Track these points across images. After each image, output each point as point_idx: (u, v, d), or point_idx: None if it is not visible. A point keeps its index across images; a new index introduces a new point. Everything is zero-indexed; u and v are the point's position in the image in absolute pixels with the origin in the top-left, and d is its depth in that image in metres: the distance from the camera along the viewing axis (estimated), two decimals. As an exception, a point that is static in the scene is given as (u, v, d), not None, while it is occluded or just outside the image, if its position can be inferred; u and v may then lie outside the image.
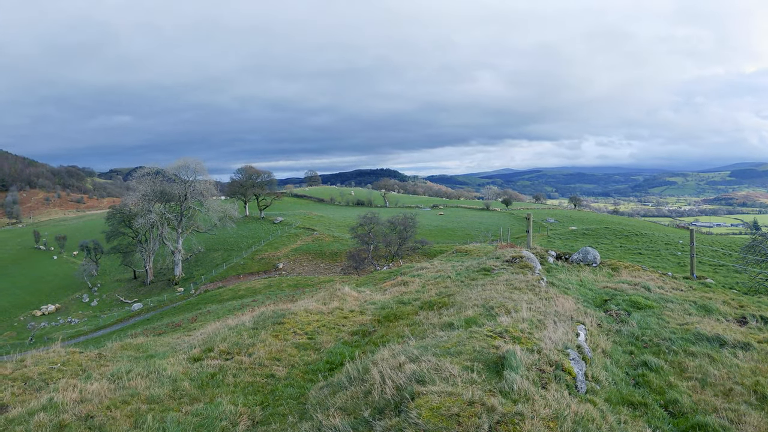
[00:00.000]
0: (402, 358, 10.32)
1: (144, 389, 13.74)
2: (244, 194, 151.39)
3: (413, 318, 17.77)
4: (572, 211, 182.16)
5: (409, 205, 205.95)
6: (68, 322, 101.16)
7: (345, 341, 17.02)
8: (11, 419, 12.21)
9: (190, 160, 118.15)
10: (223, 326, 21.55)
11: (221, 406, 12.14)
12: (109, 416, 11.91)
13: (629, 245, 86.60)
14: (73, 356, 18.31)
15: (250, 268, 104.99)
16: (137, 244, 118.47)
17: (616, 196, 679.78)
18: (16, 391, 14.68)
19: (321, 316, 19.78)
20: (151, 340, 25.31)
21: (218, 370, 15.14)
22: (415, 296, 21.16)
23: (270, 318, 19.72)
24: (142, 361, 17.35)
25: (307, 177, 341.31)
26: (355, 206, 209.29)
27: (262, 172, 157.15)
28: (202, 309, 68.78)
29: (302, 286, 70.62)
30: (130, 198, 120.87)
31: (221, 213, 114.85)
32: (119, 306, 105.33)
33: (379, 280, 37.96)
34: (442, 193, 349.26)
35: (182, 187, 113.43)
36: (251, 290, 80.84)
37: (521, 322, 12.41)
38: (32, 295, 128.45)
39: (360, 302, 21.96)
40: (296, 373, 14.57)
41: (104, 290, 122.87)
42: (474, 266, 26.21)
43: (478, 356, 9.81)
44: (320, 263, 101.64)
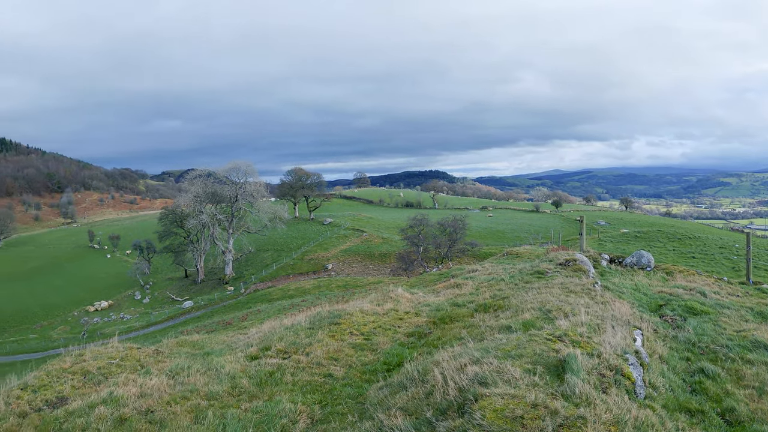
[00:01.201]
0: (464, 359, 10.38)
1: (203, 386, 14.01)
2: (293, 196, 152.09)
3: (469, 320, 17.74)
4: (623, 213, 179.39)
5: (458, 206, 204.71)
6: (120, 318, 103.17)
7: (401, 342, 17.07)
8: (71, 411, 12.55)
9: (241, 163, 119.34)
10: (279, 325, 21.75)
11: (281, 404, 12.28)
12: (170, 411, 12.18)
13: (682, 249, 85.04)
14: (131, 352, 18.69)
15: (300, 268, 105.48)
16: (189, 243, 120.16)
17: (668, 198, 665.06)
18: (75, 384, 15.04)
19: (376, 317, 19.86)
20: (206, 338, 25.65)
21: (276, 369, 15.34)
22: (470, 298, 21.09)
23: (326, 318, 19.85)
24: (199, 358, 17.61)
25: (355, 178, 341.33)
26: (404, 208, 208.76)
27: (312, 173, 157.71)
28: (252, 308, 69.37)
29: (352, 287, 70.76)
30: (182, 199, 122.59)
31: (271, 214, 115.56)
32: (170, 304, 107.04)
33: (430, 281, 37.92)
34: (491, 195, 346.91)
35: (233, 189, 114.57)
36: (301, 290, 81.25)
37: (580, 326, 12.39)
38: (86, 291, 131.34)
39: (414, 304, 22.01)
40: (354, 373, 14.68)
41: (156, 288, 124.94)
42: (527, 269, 26.08)
43: (539, 359, 9.85)
44: (369, 264, 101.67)
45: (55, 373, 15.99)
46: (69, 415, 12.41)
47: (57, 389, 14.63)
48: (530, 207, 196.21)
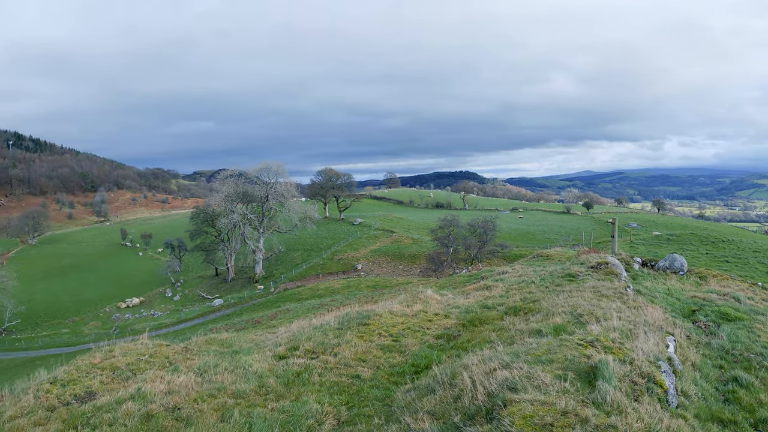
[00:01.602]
0: (493, 364, 10.26)
1: (230, 384, 14.05)
2: (324, 196, 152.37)
3: (499, 323, 17.58)
4: (655, 216, 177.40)
5: (489, 207, 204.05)
6: (151, 315, 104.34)
7: (430, 344, 16.96)
8: (99, 406, 12.66)
9: (272, 163, 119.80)
10: (307, 325, 21.74)
11: (307, 404, 12.27)
12: (196, 409, 12.22)
13: (716, 252, 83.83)
14: (160, 349, 18.80)
15: (329, 268, 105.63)
16: (220, 242, 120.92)
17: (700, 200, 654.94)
18: (104, 379, 15.19)
19: (405, 318, 19.76)
20: (235, 336, 25.71)
21: (304, 369, 15.34)
22: (499, 301, 20.93)
23: (355, 319, 19.79)
24: (227, 356, 17.65)
25: (386, 179, 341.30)
26: (434, 208, 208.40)
27: (342, 174, 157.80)
28: (282, 307, 69.58)
29: (381, 288, 70.69)
30: (213, 199, 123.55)
31: (302, 214, 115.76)
32: (200, 301, 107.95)
33: (459, 283, 37.76)
34: (522, 196, 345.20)
35: (264, 189, 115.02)
36: (330, 290, 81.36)
37: (612, 332, 12.19)
38: (118, 288, 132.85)
39: (443, 305, 21.88)
40: (381, 375, 14.61)
41: (186, 286, 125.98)
42: (558, 272, 25.84)
43: (570, 365, 9.70)
44: (399, 265, 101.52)
45: (85, 368, 16.14)
46: (97, 410, 12.51)
47: (86, 384, 14.77)
48: (561, 208, 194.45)
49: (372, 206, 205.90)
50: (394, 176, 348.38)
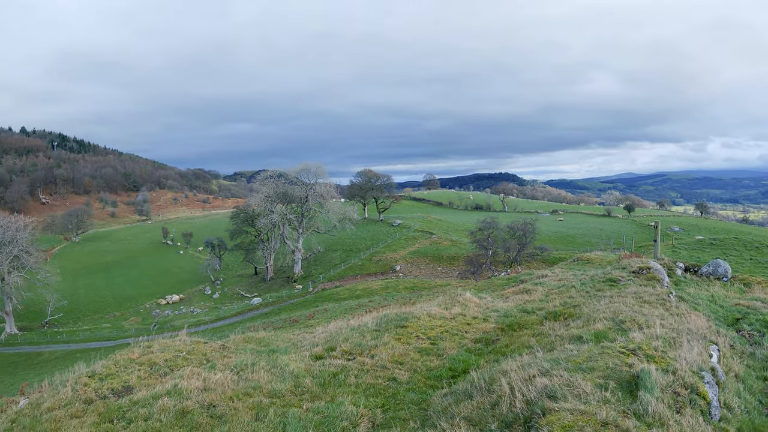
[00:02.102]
0: (532, 370, 10.10)
1: (266, 383, 14.07)
2: (363, 197, 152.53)
3: (538, 328, 17.35)
4: (698, 219, 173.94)
5: (528, 210, 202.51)
6: (190, 312, 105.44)
7: (468, 348, 16.80)
8: (136, 401, 12.80)
9: (312, 164, 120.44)
10: (345, 326, 21.72)
11: (342, 405, 12.22)
12: (231, 407, 12.25)
13: (760, 258, 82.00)
14: (198, 346, 18.92)
15: (368, 269, 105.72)
16: (259, 242, 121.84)
17: (744, 203, 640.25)
18: (142, 375, 15.35)
19: (443, 321, 19.63)
20: (272, 335, 25.78)
21: (340, 370, 15.30)
22: (539, 305, 20.67)
23: (393, 321, 19.70)
24: (264, 355, 17.69)
25: (425, 180, 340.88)
26: (473, 210, 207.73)
27: (381, 175, 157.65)
28: (319, 307, 69.79)
29: (419, 289, 70.52)
30: (253, 199, 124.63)
31: (341, 215, 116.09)
32: (239, 299, 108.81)
33: (498, 286, 37.47)
34: (562, 198, 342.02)
35: (303, 190, 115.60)
36: (368, 291, 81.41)
37: (654, 339, 11.92)
38: (158, 285, 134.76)
39: (482, 309, 21.69)
40: (418, 378, 14.51)
41: (226, 284, 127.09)
42: (599, 276, 25.46)
43: (611, 374, 9.49)
44: (437, 267, 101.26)
45: (123, 363, 16.34)
46: (133, 405, 12.63)
47: (123, 379, 14.96)
48: (601, 211, 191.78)
49: (411, 208, 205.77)
50: (434, 178, 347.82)
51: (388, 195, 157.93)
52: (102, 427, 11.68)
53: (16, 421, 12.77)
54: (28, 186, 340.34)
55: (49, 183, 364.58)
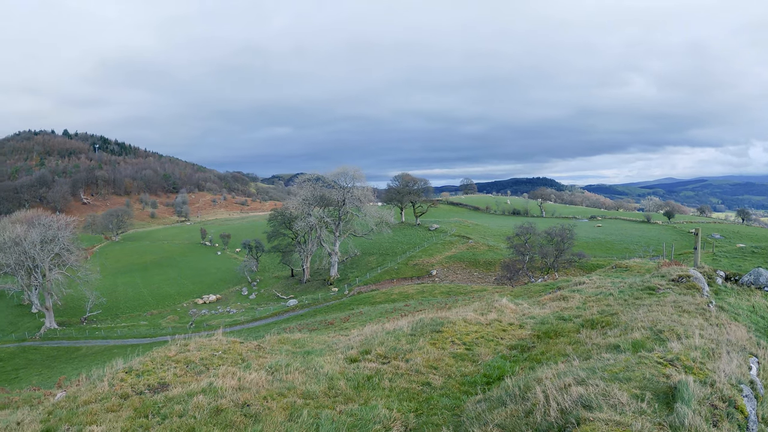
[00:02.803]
0: (568, 379, 10.01)
1: (300, 384, 14.14)
2: (400, 201, 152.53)
3: (575, 336, 17.19)
4: (740, 226, 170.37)
5: (566, 215, 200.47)
6: (227, 312, 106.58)
7: (503, 355, 16.72)
8: (171, 397, 12.96)
9: (349, 168, 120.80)
10: (380, 329, 21.75)
11: (376, 409, 12.22)
12: (265, 406, 12.33)
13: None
14: (234, 345, 19.11)
15: (404, 273, 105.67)
16: (296, 244, 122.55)
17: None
18: (178, 372, 15.57)
19: (479, 327, 19.56)
20: (307, 337, 25.91)
21: (374, 373, 15.30)
22: (576, 313, 20.46)
23: (428, 325, 19.68)
24: (299, 356, 17.81)
25: (462, 185, 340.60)
26: (510, 215, 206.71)
27: (419, 179, 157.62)
28: (355, 310, 69.94)
29: (455, 294, 70.36)
30: (291, 202, 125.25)
31: (378, 218, 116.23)
32: (275, 301, 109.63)
33: (535, 292, 37.28)
34: (600, 204, 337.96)
35: (341, 193, 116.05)
36: (404, 295, 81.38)
37: (693, 350, 11.73)
38: (196, 284, 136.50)
39: (518, 315, 21.58)
40: (452, 384, 14.47)
41: (262, 285, 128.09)
42: (637, 284, 25.16)
43: (648, 384, 9.36)
44: (474, 272, 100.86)
45: (160, 360, 16.58)
46: (168, 401, 12.79)
47: (160, 375, 15.19)
48: (641, 217, 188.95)
49: (448, 212, 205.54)
50: (471, 182, 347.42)
51: (426, 199, 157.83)
52: (137, 422, 11.84)
53: (53, 413, 13.04)
54: (70, 186, 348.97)
55: (91, 184, 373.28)
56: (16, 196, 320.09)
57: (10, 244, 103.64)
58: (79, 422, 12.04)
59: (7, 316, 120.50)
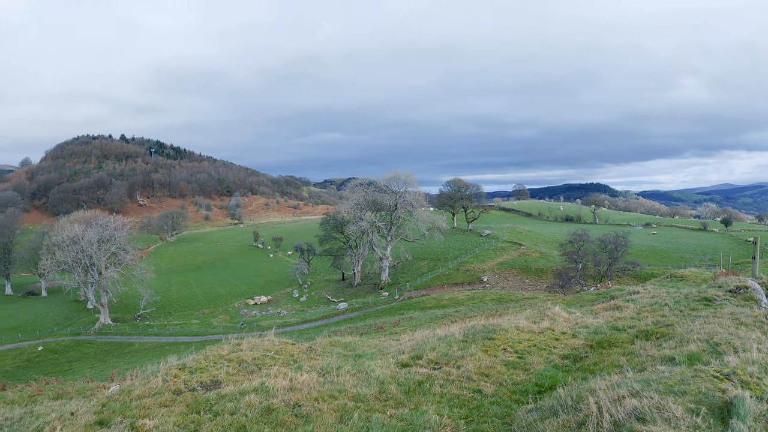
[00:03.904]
0: (622, 390, 9.92)
1: (351, 387, 14.24)
2: (452, 206, 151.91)
3: (629, 347, 16.95)
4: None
5: (620, 222, 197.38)
6: (277, 313, 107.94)
7: (555, 364, 16.58)
8: (223, 395, 13.20)
9: (401, 172, 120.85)
10: (432, 335, 21.73)
11: (426, 414, 12.23)
12: (316, 408, 12.46)
13: None
14: (286, 346, 19.30)
15: (455, 278, 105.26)
16: (348, 248, 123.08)
17: None
18: (230, 371, 15.80)
19: (531, 335, 19.42)
20: (358, 340, 26.03)
21: (425, 379, 15.33)
22: (630, 323, 20.13)
23: (480, 332, 19.60)
24: (350, 359, 17.89)
25: (514, 190, 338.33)
26: (563, 222, 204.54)
27: (471, 184, 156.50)
28: (405, 314, 69.89)
29: (506, 301, 69.87)
30: (343, 206, 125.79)
31: (430, 223, 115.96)
32: (326, 303, 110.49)
33: (588, 301, 36.84)
34: (655, 211, 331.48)
35: (393, 198, 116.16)
36: (454, 301, 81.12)
37: (750, 365, 11.51)
38: (247, 286, 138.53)
39: (571, 324, 21.36)
40: (503, 392, 14.41)
41: (313, 288, 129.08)
42: (693, 294, 24.70)
43: (703, 398, 9.23)
44: (525, 279, 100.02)
45: (213, 359, 16.84)
46: (220, 399, 13.02)
47: (212, 373, 15.43)
48: (697, 225, 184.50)
49: (500, 218, 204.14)
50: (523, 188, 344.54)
51: (478, 205, 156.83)
52: (189, 417, 12.05)
53: (107, 406, 13.32)
54: (126, 189, 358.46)
55: (147, 186, 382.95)
56: (74, 197, 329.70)
57: (68, 242, 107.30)
58: (132, 415, 12.30)
59: (64, 311, 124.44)
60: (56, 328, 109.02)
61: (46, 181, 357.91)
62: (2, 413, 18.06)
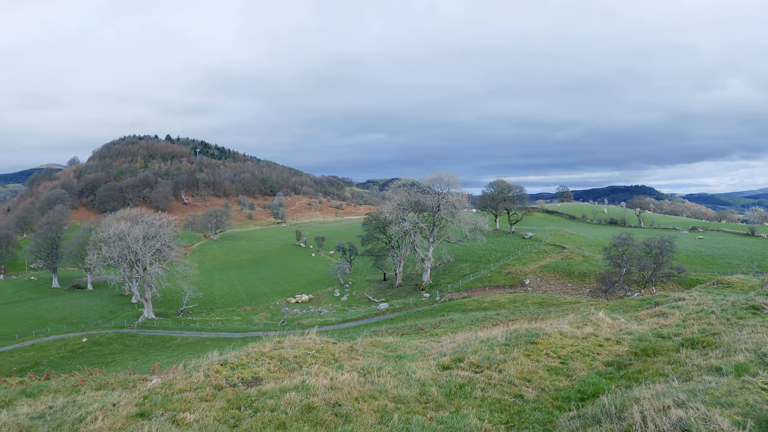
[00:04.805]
0: (667, 400, 9.78)
1: (392, 388, 14.27)
2: (495, 208, 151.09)
3: (674, 356, 16.70)
4: None
5: (665, 226, 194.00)
6: (318, 312, 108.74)
7: (599, 371, 16.38)
8: (264, 392, 13.37)
9: (444, 173, 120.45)
10: (473, 338, 21.66)
11: (467, 418, 12.20)
12: (356, 407, 12.52)
13: None
14: (327, 345, 19.44)
15: (496, 281, 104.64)
16: (390, 249, 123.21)
17: None
18: (271, 368, 15.99)
19: (575, 340, 19.23)
20: (399, 341, 26.07)
21: (467, 382, 15.28)
22: (675, 331, 19.81)
23: (523, 336, 19.46)
24: (391, 360, 17.92)
25: (558, 192, 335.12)
26: (607, 225, 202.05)
27: (514, 186, 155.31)
28: (446, 316, 69.76)
29: (548, 305, 69.28)
30: (385, 207, 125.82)
31: (472, 225, 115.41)
32: (366, 303, 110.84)
33: (631, 307, 36.42)
34: (701, 215, 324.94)
35: (435, 199, 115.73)
36: (495, 303, 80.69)
37: (800, 377, 11.32)
38: (289, 284, 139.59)
39: (615, 330, 21.10)
40: (545, 398, 14.32)
41: (354, 288, 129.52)
42: (740, 302, 24.24)
43: (750, 411, 9.07)
44: (567, 283, 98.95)
45: (254, 355, 17.05)
46: (261, 395, 13.18)
47: (254, 370, 15.65)
48: (744, 230, 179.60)
49: (543, 220, 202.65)
50: (567, 190, 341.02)
51: (521, 207, 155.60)
52: (229, 413, 12.25)
53: (149, 398, 13.60)
54: (171, 188, 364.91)
55: (191, 185, 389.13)
56: (121, 195, 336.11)
57: (114, 239, 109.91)
58: (173, 408, 12.52)
59: (108, 304, 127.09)
60: (101, 320, 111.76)
61: (94, 180, 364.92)
62: (46, 402, 18.50)
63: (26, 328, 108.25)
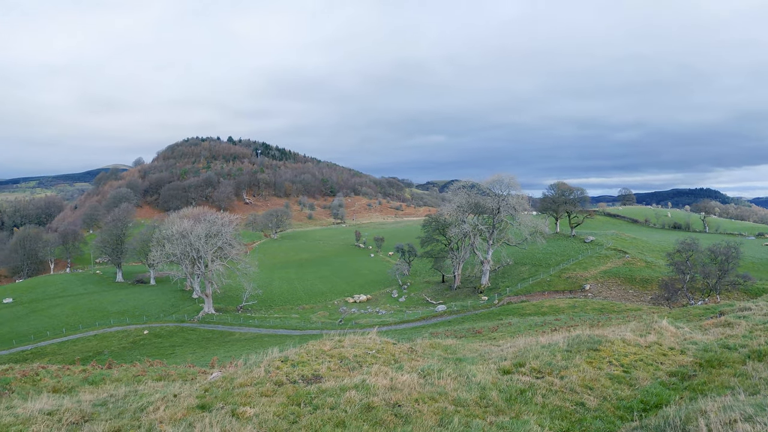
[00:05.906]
0: (734, 414, 9.66)
1: (452, 390, 14.34)
2: (555, 210, 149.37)
3: (740, 368, 16.37)
4: None
5: (731, 231, 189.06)
6: (375, 312, 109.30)
7: (662, 381, 16.16)
8: (324, 390, 13.60)
9: (504, 175, 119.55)
10: (534, 342, 21.58)
11: (527, 424, 12.17)
12: (416, 409, 12.62)
13: None
14: (387, 346, 19.59)
15: (556, 285, 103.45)
16: (449, 251, 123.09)
17: None
18: (331, 366, 16.23)
19: (638, 348, 19.00)
20: (458, 343, 26.10)
21: (528, 387, 15.27)
22: (742, 342, 19.36)
23: (585, 342, 19.32)
24: (451, 362, 17.98)
25: (620, 195, 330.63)
26: (670, 229, 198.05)
27: (575, 188, 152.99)
28: (503, 320, 69.32)
29: (608, 312, 68.38)
30: (445, 208, 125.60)
31: (532, 228, 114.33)
32: (424, 305, 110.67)
33: (695, 316, 35.75)
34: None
35: (495, 201, 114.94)
36: (554, 308, 79.92)
37: None
38: (347, 284, 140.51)
39: (679, 340, 20.77)
40: (607, 407, 14.21)
41: (412, 289, 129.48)
42: (810, 314, 23.67)
43: (821, 427, 8.92)
44: (629, 289, 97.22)
45: (315, 353, 17.31)
46: (321, 393, 13.40)
47: (314, 368, 15.90)
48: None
49: (605, 224, 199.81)
50: (630, 193, 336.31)
51: (582, 209, 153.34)
52: (289, 408, 12.46)
53: (209, 391, 13.93)
54: (233, 187, 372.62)
55: (253, 186, 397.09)
56: (184, 194, 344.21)
57: (177, 236, 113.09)
58: (233, 402, 12.80)
59: (170, 299, 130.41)
60: (162, 314, 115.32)
61: (158, 179, 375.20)
62: (108, 390, 19.04)
63: (90, 319, 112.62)
